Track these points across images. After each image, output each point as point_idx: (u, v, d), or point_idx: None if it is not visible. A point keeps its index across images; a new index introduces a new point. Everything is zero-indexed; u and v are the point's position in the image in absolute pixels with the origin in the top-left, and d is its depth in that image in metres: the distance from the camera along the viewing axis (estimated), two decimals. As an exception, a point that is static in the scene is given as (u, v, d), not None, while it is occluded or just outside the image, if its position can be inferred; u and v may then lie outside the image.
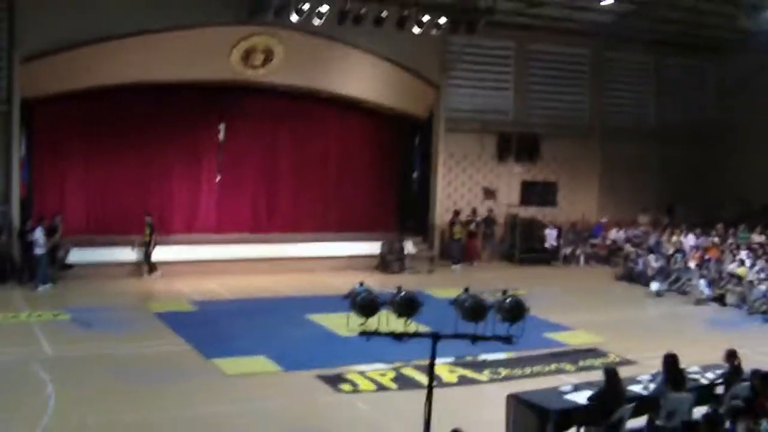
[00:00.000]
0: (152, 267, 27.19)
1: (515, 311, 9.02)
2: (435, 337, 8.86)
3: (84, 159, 28.33)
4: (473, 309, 8.95)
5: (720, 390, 14.17)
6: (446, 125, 32.59)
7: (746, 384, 13.18)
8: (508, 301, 9.08)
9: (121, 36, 26.31)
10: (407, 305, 8.92)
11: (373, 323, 9.03)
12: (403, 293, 9.02)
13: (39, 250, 25.00)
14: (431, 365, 9.13)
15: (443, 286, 23.43)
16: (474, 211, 33.19)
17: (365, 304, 8.85)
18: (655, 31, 33.87)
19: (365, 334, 8.89)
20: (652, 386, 13.80)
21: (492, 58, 33.85)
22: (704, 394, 14.04)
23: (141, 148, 28.81)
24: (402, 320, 9.14)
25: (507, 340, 8.96)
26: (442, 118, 32.45)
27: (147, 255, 27.23)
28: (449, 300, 9.31)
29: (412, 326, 9.15)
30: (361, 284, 9.15)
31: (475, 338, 8.93)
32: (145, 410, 15.34)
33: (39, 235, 25.03)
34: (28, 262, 25.58)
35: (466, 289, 9.26)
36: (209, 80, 28.47)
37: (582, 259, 33.94)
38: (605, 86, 36.26)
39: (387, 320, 9.09)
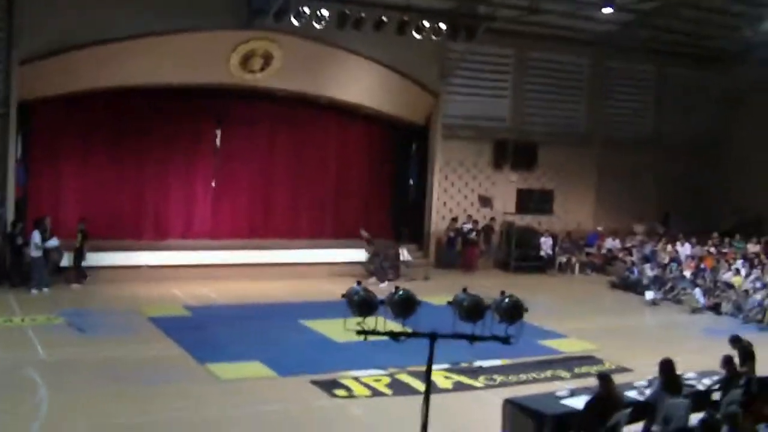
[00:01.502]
0: (82, 274, 26.54)
1: (513, 311, 8.95)
2: (433, 337, 8.77)
3: (80, 162, 28.21)
4: (471, 309, 8.87)
5: (716, 396, 14.14)
6: (443, 132, 32.56)
7: (742, 390, 13.17)
8: (506, 300, 9.02)
9: (119, 39, 26.15)
10: (405, 304, 8.82)
11: (370, 323, 8.95)
12: (401, 292, 8.94)
13: (34, 253, 24.94)
14: (429, 366, 9.03)
15: (439, 294, 23.37)
16: (470, 219, 33.05)
17: (363, 302, 8.76)
18: (657, 40, 33.97)
19: (363, 333, 8.80)
20: (648, 392, 13.77)
21: (491, 65, 33.79)
22: (701, 400, 14.02)
23: (138, 152, 28.75)
24: (399, 321, 9.05)
25: (505, 341, 8.88)
26: (439, 125, 32.44)
27: (77, 261, 26.54)
28: (447, 300, 9.24)
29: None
30: (359, 283, 9.08)
31: (473, 338, 8.86)
32: (139, 414, 15.26)
33: (35, 237, 24.94)
34: (18, 266, 25.41)
35: (464, 289, 9.20)
36: (207, 84, 28.37)
37: (577, 267, 33.86)
38: (604, 95, 36.26)
39: (384, 322, 9.01)
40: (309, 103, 30.74)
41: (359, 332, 8.81)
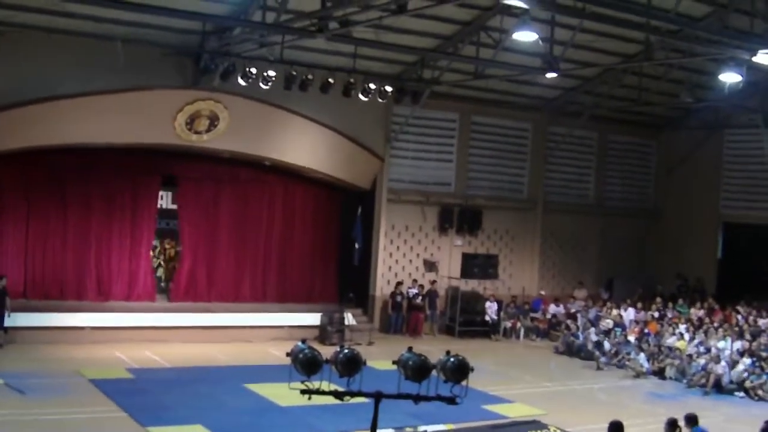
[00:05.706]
0: None
1: (459, 371, 8.87)
2: (377, 397, 8.66)
3: (22, 222, 27.83)
4: (417, 368, 8.79)
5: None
6: (388, 196, 32.67)
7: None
8: (451, 360, 8.94)
9: (62, 97, 25.81)
10: (350, 364, 8.72)
11: (314, 384, 8.83)
12: (345, 351, 8.84)
13: None
14: (373, 427, 8.89)
15: (384, 358, 23.29)
16: (415, 283, 33.08)
17: (307, 361, 8.65)
18: (599, 106, 34.28)
19: (307, 392, 8.68)
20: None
21: (436, 129, 34.04)
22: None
23: (80, 212, 28.48)
24: (344, 382, 8.94)
25: (451, 401, 8.79)
26: (384, 189, 32.54)
27: None
28: (393, 360, 9.16)
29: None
30: (304, 341, 8.97)
31: (418, 398, 8.77)
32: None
33: None
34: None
35: (410, 348, 9.13)
36: (153, 144, 28.17)
37: (522, 332, 33.83)
38: (547, 160, 36.51)
39: (329, 385, 8.90)
40: (254, 165, 30.69)
41: (303, 391, 8.69)
